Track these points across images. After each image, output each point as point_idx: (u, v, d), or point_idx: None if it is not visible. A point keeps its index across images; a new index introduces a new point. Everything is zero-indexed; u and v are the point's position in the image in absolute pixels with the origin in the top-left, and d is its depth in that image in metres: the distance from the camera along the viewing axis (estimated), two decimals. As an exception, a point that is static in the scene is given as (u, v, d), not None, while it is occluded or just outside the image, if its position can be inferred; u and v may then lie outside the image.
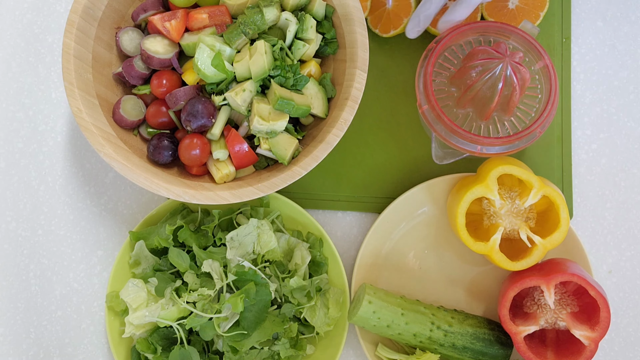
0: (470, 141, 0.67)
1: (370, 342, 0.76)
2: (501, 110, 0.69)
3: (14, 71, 0.83)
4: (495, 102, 0.66)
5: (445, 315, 0.74)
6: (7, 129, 0.83)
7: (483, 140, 0.67)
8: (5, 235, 0.81)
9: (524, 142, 0.68)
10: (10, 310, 0.80)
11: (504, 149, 0.68)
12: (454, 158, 0.72)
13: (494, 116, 0.70)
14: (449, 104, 0.70)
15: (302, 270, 0.74)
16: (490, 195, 0.70)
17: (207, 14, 0.71)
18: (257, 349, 0.72)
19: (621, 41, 0.82)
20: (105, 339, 0.80)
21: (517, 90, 0.66)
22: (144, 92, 0.74)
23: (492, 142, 0.67)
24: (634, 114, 0.81)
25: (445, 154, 0.72)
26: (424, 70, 0.68)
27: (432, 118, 0.68)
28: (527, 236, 0.70)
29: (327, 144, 0.68)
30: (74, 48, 0.68)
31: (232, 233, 0.73)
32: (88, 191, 0.82)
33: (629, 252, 0.80)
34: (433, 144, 0.71)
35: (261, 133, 0.69)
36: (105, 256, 0.81)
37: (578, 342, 0.69)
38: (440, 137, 0.69)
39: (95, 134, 0.67)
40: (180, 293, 0.71)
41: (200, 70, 0.69)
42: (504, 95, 0.67)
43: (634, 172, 0.81)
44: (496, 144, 0.67)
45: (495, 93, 0.66)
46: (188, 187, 0.68)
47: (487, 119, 0.69)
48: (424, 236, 0.78)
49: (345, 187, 0.80)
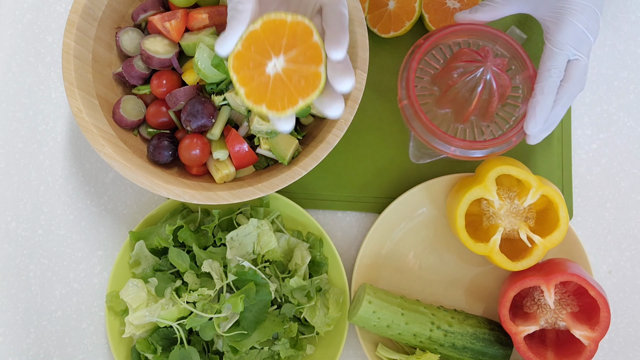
0: (444, 141, 0.67)
1: (370, 342, 0.76)
2: (480, 115, 0.69)
3: (14, 71, 0.83)
4: (474, 105, 0.66)
5: (445, 315, 0.74)
6: (7, 129, 0.83)
7: (457, 142, 0.66)
8: (5, 235, 0.81)
9: (498, 148, 0.67)
10: (10, 310, 0.80)
11: (478, 154, 0.67)
12: (430, 158, 0.71)
13: (472, 120, 0.69)
14: (429, 102, 0.70)
15: (302, 270, 0.74)
16: (488, 196, 0.70)
17: (207, 14, 0.71)
18: (257, 349, 0.72)
19: (621, 41, 0.82)
20: (105, 339, 0.80)
21: (496, 97, 0.66)
22: (144, 92, 0.74)
23: (466, 144, 0.66)
24: (634, 114, 0.81)
25: (423, 153, 0.71)
26: (408, 65, 0.68)
27: (410, 114, 0.68)
28: (527, 236, 0.70)
29: (327, 144, 0.68)
30: (74, 48, 0.68)
31: (232, 233, 0.73)
32: (88, 191, 0.82)
33: (629, 252, 0.80)
34: (411, 142, 0.71)
35: (261, 133, 0.69)
36: (105, 256, 0.81)
37: (578, 342, 0.69)
38: (417, 134, 0.68)
39: (95, 134, 0.67)
40: (180, 293, 0.71)
41: (200, 70, 0.68)
42: (482, 99, 0.66)
43: (634, 172, 0.80)
44: (470, 148, 0.67)
45: (474, 96, 0.66)
46: (188, 187, 0.68)
47: (465, 122, 0.69)
48: (424, 236, 0.78)
49: (345, 187, 0.80)
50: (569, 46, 0.61)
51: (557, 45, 0.61)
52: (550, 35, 0.62)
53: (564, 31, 0.61)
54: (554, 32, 0.62)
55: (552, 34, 0.62)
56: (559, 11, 0.62)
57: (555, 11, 0.62)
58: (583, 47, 0.62)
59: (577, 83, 0.63)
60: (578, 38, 0.61)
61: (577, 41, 0.61)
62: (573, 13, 0.61)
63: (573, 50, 0.61)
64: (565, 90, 0.62)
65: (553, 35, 0.62)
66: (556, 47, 0.61)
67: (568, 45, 0.61)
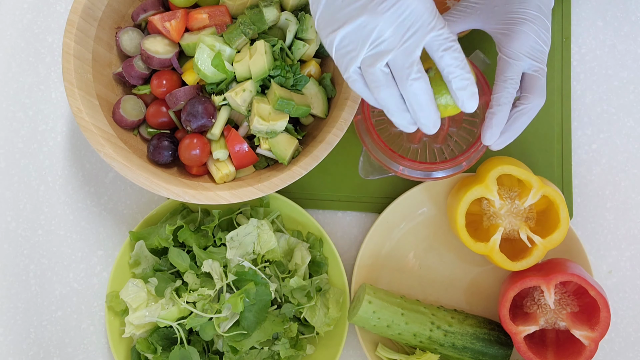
0: (392, 159, 0.67)
1: (370, 342, 0.76)
2: (431, 137, 0.69)
3: (14, 71, 0.83)
4: None
5: (445, 315, 0.74)
6: (7, 129, 0.83)
7: (405, 162, 0.66)
8: (5, 235, 0.81)
9: (446, 172, 0.67)
10: (10, 310, 0.80)
11: (425, 175, 0.67)
12: (380, 175, 0.71)
13: (424, 141, 0.70)
14: (384, 119, 0.69)
15: (302, 270, 0.74)
16: (489, 196, 0.70)
17: (207, 14, 0.71)
18: (257, 349, 0.72)
19: (621, 41, 0.82)
20: (105, 339, 0.80)
21: (446, 120, 0.66)
22: (144, 92, 0.74)
23: (413, 165, 0.66)
24: (634, 114, 0.81)
25: (373, 169, 0.71)
26: None
27: (363, 129, 0.68)
28: (527, 236, 0.70)
29: (327, 144, 0.68)
30: (74, 48, 0.68)
31: (232, 233, 0.73)
32: (88, 191, 0.82)
33: (629, 252, 0.80)
34: (361, 157, 0.71)
35: (261, 133, 0.69)
36: (105, 256, 0.81)
37: (578, 342, 0.69)
38: (367, 150, 0.68)
39: (95, 134, 0.67)
40: (180, 293, 0.71)
41: (200, 70, 0.69)
42: None
43: (634, 172, 0.80)
44: (418, 168, 0.66)
45: None
46: (188, 187, 0.68)
47: (417, 143, 0.69)
48: (424, 236, 0.78)
49: (345, 187, 0.80)
50: (524, 56, 0.60)
51: (511, 55, 0.61)
52: (503, 47, 0.61)
53: (516, 41, 0.60)
54: (507, 43, 0.61)
55: (505, 45, 0.61)
56: (509, 22, 0.61)
57: (506, 22, 0.61)
58: (539, 55, 0.61)
59: (539, 92, 0.62)
60: (531, 47, 0.61)
61: (531, 50, 0.61)
62: (524, 23, 0.60)
63: (529, 60, 0.61)
64: (529, 101, 0.62)
65: (506, 47, 0.61)
66: (510, 57, 0.61)
67: (522, 55, 0.60)
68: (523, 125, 0.63)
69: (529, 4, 0.61)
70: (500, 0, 0.62)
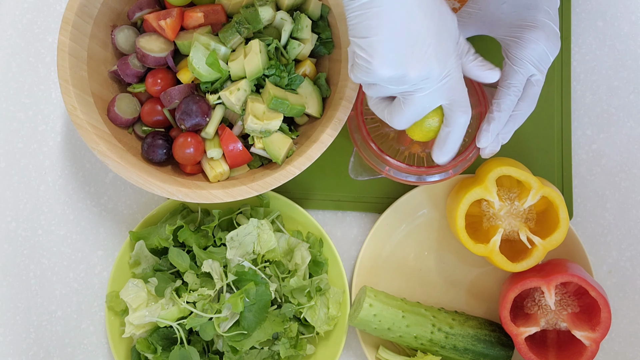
0: (380, 159, 0.67)
1: (371, 344, 0.76)
2: (421, 142, 0.69)
3: (14, 71, 0.83)
4: None
5: (446, 317, 0.74)
6: (7, 129, 0.83)
7: (392, 162, 0.66)
8: (5, 235, 0.81)
9: (433, 177, 0.67)
10: (10, 310, 0.80)
11: (412, 178, 0.67)
12: (369, 176, 0.71)
13: (414, 144, 0.70)
14: (375, 117, 0.69)
15: (302, 270, 0.74)
16: (489, 197, 0.70)
17: (203, 12, 0.71)
18: (257, 349, 0.72)
19: (621, 41, 0.82)
20: (105, 339, 0.80)
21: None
22: (139, 90, 0.74)
23: (400, 167, 0.66)
24: (634, 114, 0.81)
25: (362, 170, 0.71)
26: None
27: (354, 126, 0.68)
28: (527, 237, 0.70)
29: (321, 144, 0.67)
30: (69, 45, 0.68)
31: (232, 233, 0.73)
32: (88, 191, 0.82)
33: (629, 252, 0.80)
34: (352, 157, 0.71)
35: (255, 132, 0.69)
36: (105, 256, 0.81)
37: (579, 343, 0.69)
38: (357, 149, 0.68)
39: (90, 131, 0.67)
40: (180, 293, 0.71)
41: (195, 69, 0.68)
42: None
43: (634, 172, 0.80)
44: (404, 171, 0.67)
45: None
46: (182, 186, 0.68)
47: (406, 145, 0.69)
48: (424, 238, 0.78)
49: (345, 188, 0.80)
50: (529, 64, 0.60)
51: (517, 63, 0.61)
52: (510, 54, 0.61)
53: (525, 49, 0.60)
54: (515, 51, 0.61)
55: (513, 52, 0.61)
56: (519, 30, 0.61)
57: (515, 30, 0.61)
58: (542, 65, 0.61)
59: (533, 101, 0.62)
60: (539, 56, 0.61)
61: (538, 60, 0.61)
62: (533, 31, 0.60)
63: (532, 69, 0.61)
64: (521, 108, 0.62)
65: (514, 54, 0.61)
66: (516, 65, 0.61)
67: (528, 63, 0.61)
68: (512, 130, 0.63)
69: (537, 11, 0.61)
70: (508, 6, 0.62)
